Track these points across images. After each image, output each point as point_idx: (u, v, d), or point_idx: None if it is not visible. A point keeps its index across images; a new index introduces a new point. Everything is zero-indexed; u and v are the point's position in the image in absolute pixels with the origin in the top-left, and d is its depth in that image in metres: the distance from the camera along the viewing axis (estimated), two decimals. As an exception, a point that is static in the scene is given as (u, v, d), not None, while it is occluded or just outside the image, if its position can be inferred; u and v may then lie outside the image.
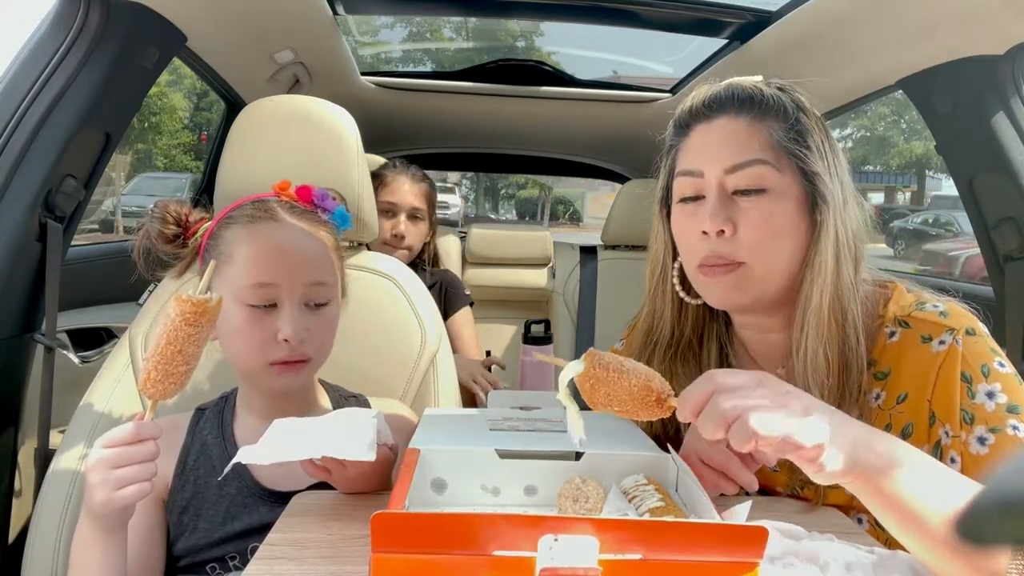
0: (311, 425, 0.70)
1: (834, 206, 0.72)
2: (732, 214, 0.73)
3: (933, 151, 1.40)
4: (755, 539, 0.45)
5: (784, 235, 0.73)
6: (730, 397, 0.52)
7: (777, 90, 0.77)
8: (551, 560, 0.44)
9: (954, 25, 1.17)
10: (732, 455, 0.71)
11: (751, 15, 1.59)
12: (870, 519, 0.75)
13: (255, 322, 0.79)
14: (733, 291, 0.74)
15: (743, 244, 0.72)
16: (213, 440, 0.86)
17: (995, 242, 1.28)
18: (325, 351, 0.85)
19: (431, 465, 0.64)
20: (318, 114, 1.09)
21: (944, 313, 0.73)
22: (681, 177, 0.78)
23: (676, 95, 2.21)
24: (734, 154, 0.73)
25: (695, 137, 0.79)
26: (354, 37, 2.31)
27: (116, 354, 1.03)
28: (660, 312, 0.86)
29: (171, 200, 0.86)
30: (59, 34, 1.08)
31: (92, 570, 0.69)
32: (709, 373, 0.55)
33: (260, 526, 0.79)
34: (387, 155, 2.44)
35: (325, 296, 0.84)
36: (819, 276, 0.71)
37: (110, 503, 0.65)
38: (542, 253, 2.48)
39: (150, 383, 0.66)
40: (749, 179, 0.73)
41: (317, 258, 0.84)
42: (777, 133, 0.74)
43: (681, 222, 0.79)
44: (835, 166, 0.75)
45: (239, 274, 0.80)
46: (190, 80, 6.64)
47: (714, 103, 0.77)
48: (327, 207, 0.94)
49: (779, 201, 0.73)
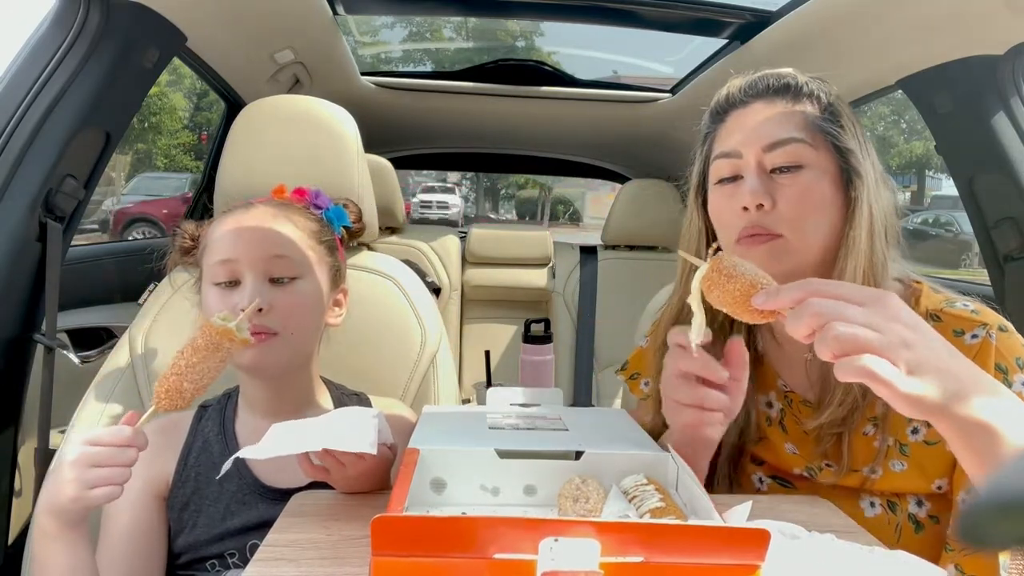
0: (311, 424, 0.70)
1: (867, 183, 0.74)
2: (771, 190, 0.75)
3: (933, 151, 1.40)
4: (757, 541, 0.45)
5: (821, 210, 0.75)
6: (824, 303, 0.52)
7: (810, 78, 0.80)
8: (552, 563, 0.43)
9: (954, 25, 1.17)
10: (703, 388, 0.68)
11: (751, 15, 1.59)
12: (882, 503, 0.75)
13: (221, 299, 0.81)
14: (770, 260, 0.74)
15: (782, 217, 0.74)
16: (215, 437, 0.86)
17: (995, 242, 1.28)
18: (297, 328, 0.83)
19: (430, 465, 0.64)
20: (318, 114, 1.09)
21: (975, 311, 0.74)
22: (719, 160, 0.80)
23: (676, 95, 2.21)
24: (771, 133, 0.76)
25: (731, 122, 0.81)
26: (354, 37, 2.32)
27: (116, 354, 1.03)
28: None
29: (188, 221, 0.93)
30: (59, 34, 1.08)
31: (60, 567, 0.68)
32: (808, 280, 0.55)
33: (260, 523, 0.79)
34: (387, 155, 2.44)
35: (290, 271, 0.84)
36: (853, 250, 0.73)
37: (80, 501, 0.65)
38: (542, 253, 2.48)
39: (162, 392, 0.69)
40: (786, 156, 0.75)
41: (280, 234, 0.85)
42: (812, 114, 0.77)
43: (719, 202, 0.80)
44: (866, 147, 0.77)
45: (209, 256, 0.84)
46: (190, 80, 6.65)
47: (750, 90, 0.80)
48: (320, 204, 0.95)
49: (816, 177, 0.75)
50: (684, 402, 0.68)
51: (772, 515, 0.61)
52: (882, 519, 0.75)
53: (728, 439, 0.83)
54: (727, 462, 0.85)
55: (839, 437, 0.77)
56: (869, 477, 0.75)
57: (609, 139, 2.75)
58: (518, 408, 0.80)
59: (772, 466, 0.83)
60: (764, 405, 0.85)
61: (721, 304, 0.58)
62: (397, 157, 2.69)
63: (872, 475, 0.75)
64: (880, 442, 0.75)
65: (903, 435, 0.75)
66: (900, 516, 0.75)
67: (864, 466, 0.76)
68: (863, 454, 0.76)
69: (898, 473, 0.75)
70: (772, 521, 0.58)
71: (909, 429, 0.75)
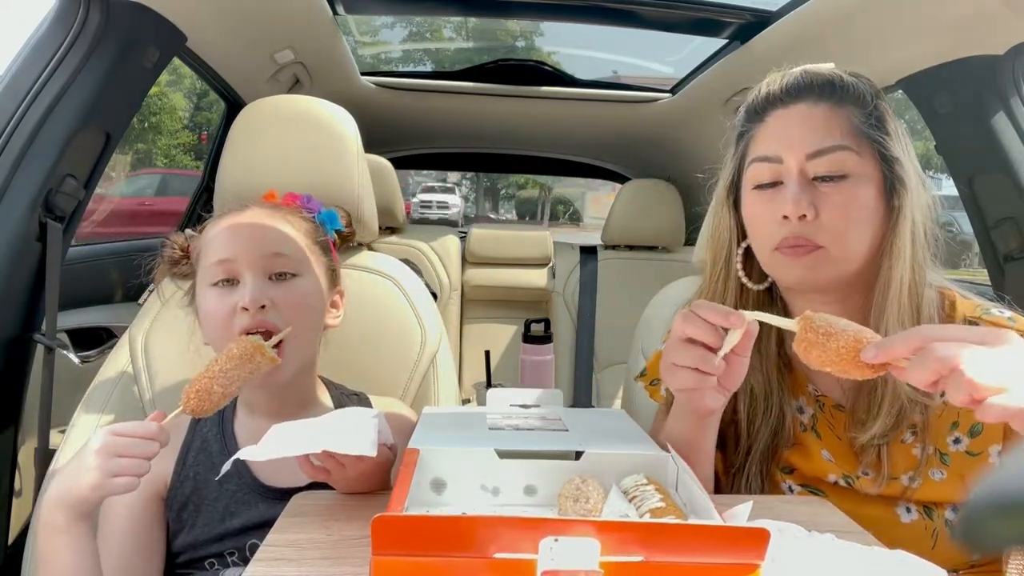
0: (311, 425, 0.70)
1: (911, 190, 0.72)
2: (814, 199, 0.72)
3: (933, 151, 1.40)
4: (757, 541, 0.45)
5: (864, 220, 0.73)
6: (947, 346, 0.51)
7: (853, 76, 0.76)
8: (552, 562, 0.43)
9: (954, 25, 1.17)
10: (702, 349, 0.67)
11: (751, 15, 1.59)
12: (919, 509, 0.74)
13: (220, 299, 0.81)
14: (810, 272, 0.74)
15: (824, 228, 0.72)
16: (213, 437, 0.86)
17: (995, 242, 1.28)
18: (299, 325, 0.83)
19: (430, 465, 0.64)
20: (318, 114, 1.09)
21: (1012, 318, 0.74)
22: (757, 163, 0.77)
23: (676, 95, 2.21)
24: (815, 140, 0.73)
25: (772, 123, 0.77)
26: (354, 37, 2.32)
27: (116, 354, 1.03)
28: (720, 299, 0.85)
29: (177, 232, 0.93)
30: (59, 34, 1.08)
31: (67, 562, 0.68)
32: (918, 328, 0.54)
33: (259, 522, 0.79)
34: (387, 155, 2.45)
35: (289, 267, 0.84)
36: (898, 261, 0.72)
37: (100, 489, 0.65)
38: (542, 253, 2.48)
39: (192, 393, 0.70)
40: (830, 165, 0.72)
41: (277, 233, 0.86)
42: (857, 119, 0.73)
43: (756, 207, 0.77)
44: (909, 152, 0.75)
45: (205, 259, 0.84)
46: (190, 80, 6.64)
47: (792, 89, 0.76)
48: (311, 208, 0.95)
49: (860, 187, 0.72)
50: (680, 363, 0.67)
51: (772, 515, 0.61)
52: (919, 525, 0.74)
53: (760, 439, 0.81)
54: (758, 464, 0.82)
55: (879, 448, 0.75)
56: (909, 487, 0.74)
57: (609, 139, 2.75)
58: (518, 408, 0.80)
59: (803, 474, 0.81)
60: (796, 410, 0.83)
61: (824, 364, 0.57)
62: (397, 157, 2.69)
63: (912, 484, 0.74)
64: (920, 450, 0.74)
65: (944, 444, 0.74)
66: (937, 522, 0.73)
67: (903, 474, 0.74)
68: (903, 462, 0.75)
69: (937, 482, 0.73)
70: (772, 521, 0.58)
71: (951, 439, 0.74)
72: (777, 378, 0.82)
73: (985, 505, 0.26)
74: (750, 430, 0.82)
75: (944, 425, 0.74)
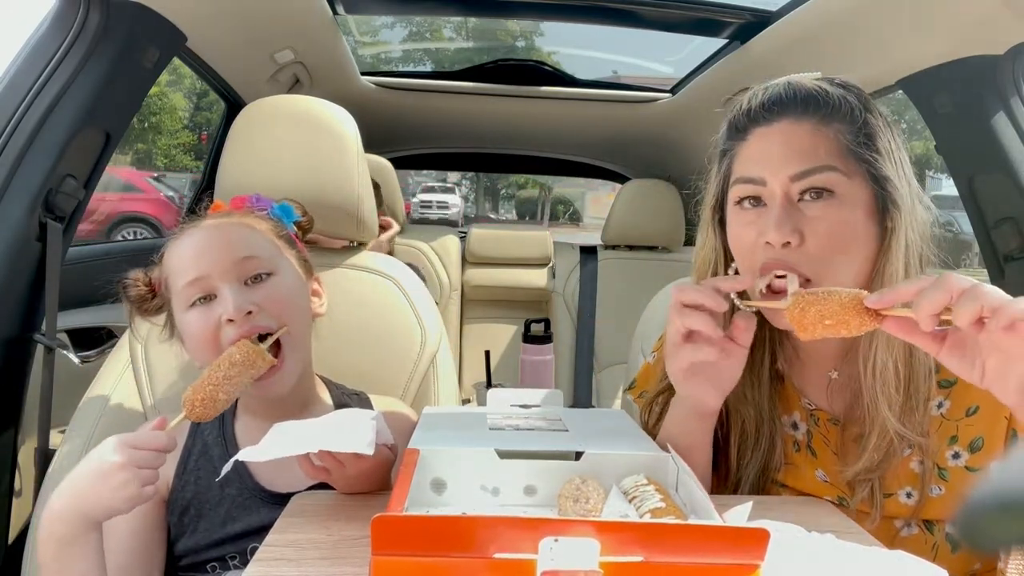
0: (310, 425, 0.70)
1: (904, 211, 0.68)
2: (798, 223, 0.68)
3: (933, 151, 1.40)
4: (757, 541, 0.45)
5: (852, 245, 0.69)
6: (960, 276, 0.52)
7: (840, 87, 0.72)
8: (552, 562, 0.44)
9: (954, 25, 1.17)
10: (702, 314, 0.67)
11: (751, 15, 1.59)
12: (919, 523, 0.73)
13: (202, 318, 0.79)
14: None
15: (810, 257, 0.68)
16: (214, 441, 0.86)
17: (995, 242, 1.28)
18: (291, 320, 0.82)
19: (430, 465, 0.64)
20: (318, 114, 1.09)
21: None
22: (740, 184, 0.73)
23: (676, 95, 2.21)
24: (799, 161, 0.68)
25: (754, 142, 0.73)
26: (354, 37, 2.32)
27: (116, 354, 1.03)
28: None
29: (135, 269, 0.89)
30: (59, 34, 1.08)
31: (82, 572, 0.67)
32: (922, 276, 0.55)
33: (260, 527, 0.79)
34: (387, 155, 2.45)
35: (262, 268, 0.83)
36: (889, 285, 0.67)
37: (134, 500, 0.65)
38: (542, 253, 2.48)
39: (197, 400, 0.70)
40: (816, 185, 0.68)
41: (242, 237, 0.84)
42: (845, 137, 0.69)
43: (740, 228, 0.73)
44: (903, 167, 0.71)
45: (175, 284, 0.82)
46: (190, 80, 6.64)
47: (774, 104, 0.72)
48: (262, 205, 0.94)
49: (848, 209, 0.68)
50: (680, 326, 0.67)
51: (772, 515, 0.61)
52: (919, 539, 0.72)
53: (751, 467, 0.79)
54: (749, 489, 0.80)
55: (872, 483, 0.72)
56: (906, 504, 0.72)
57: (609, 139, 2.75)
58: (518, 408, 0.80)
59: (798, 492, 0.79)
60: (790, 427, 0.81)
61: (823, 316, 0.58)
62: (397, 157, 2.69)
63: (908, 501, 0.72)
64: (918, 465, 0.72)
65: (943, 459, 0.72)
66: (938, 536, 0.72)
67: (900, 489, 0.73)
68: (901, 477, 0.73)
69: (935, 499, 0.72)
70: (772, 521, 0.58)
71: (949, 453, 0.72)
72: (768, 407, 0.79)
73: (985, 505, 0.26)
74: (740, 463, 0.80)
75: (942, 439, 0.73)
